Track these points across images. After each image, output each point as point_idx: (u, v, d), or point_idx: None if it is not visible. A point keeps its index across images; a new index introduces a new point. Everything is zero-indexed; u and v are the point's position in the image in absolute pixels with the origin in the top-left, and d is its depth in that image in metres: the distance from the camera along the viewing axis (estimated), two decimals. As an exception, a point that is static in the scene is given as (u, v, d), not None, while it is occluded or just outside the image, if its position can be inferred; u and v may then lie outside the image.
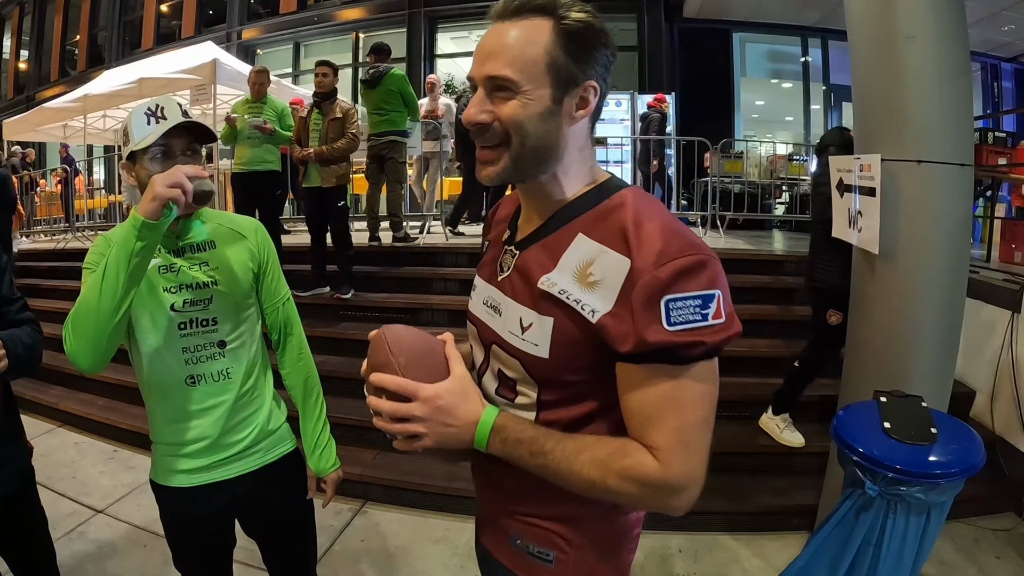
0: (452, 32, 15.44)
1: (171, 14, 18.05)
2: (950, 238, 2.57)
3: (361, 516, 3.75)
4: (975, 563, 3.21)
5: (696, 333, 0.93)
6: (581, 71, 1.02)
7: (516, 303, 1.09)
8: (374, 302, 5.58)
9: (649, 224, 0.98)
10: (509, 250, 1.17)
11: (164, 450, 1.79)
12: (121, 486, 4.07)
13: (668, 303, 0.92)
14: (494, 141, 1.04)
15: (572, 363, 1.03)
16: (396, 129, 6.24)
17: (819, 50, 13.35)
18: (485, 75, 1.02)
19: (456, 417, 1.04)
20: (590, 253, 1.02)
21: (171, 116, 1.63)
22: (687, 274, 0.93)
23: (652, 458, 0.96)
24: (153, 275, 1.66)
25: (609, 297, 0.97)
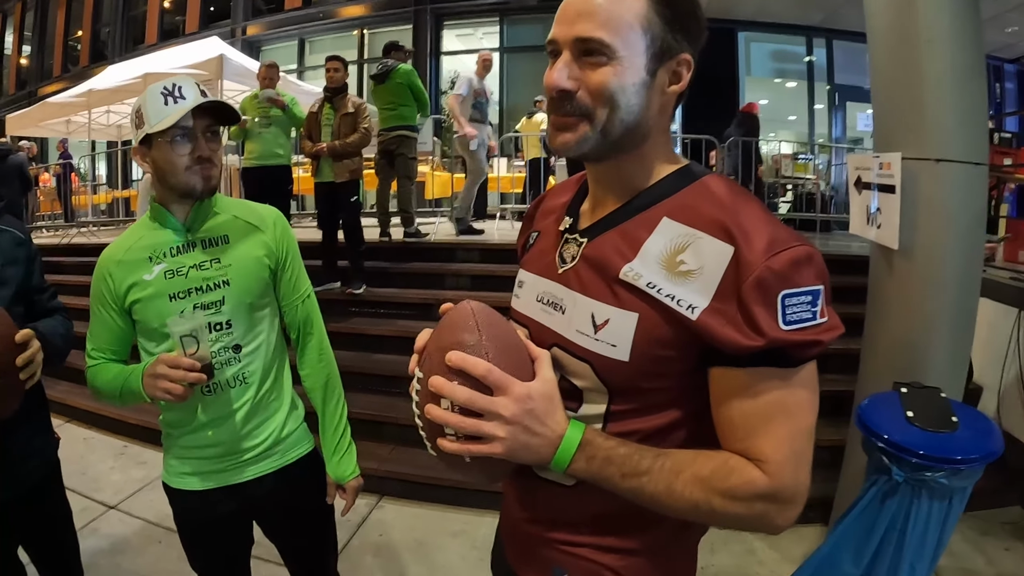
0: (458, 29, 15.47)
1: (174, 9, 18.06)
2: (966, 235, 2.63)
3: (378, 510, 3.76)
4: (984, 554, 3.27)
5: (811, 332, 0.83)
6: (676, 41, 0.92)
7: (587, 297, 0.96)
8: (386, 297, 5.60)
9: (749, 208, 0.89)
10: (573, 238, 1.03)
11: (176, 452, 1.73)
12: (132, 481, 4.06)
13: (784, 299, 0.82)
14: (576, 112, 0.92)
15: (657, 367, 0.90)
16: (406, 124, 6.27)
17: (824, 50, 13.40)
18: (575, 36, 0.90)
19: (544, 425, 0.88)
20: (680, 238, 0.90)
21: (190, 96, 1.55)
22: (799, 266, 0.84)
23: (759, 472, 0.85)
24: (159, 282, 1.60)
25: (707, 290, 0.85)
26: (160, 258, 1.62)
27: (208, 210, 1.68)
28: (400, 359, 4.84)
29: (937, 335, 2.68)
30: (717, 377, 0.89)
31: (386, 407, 4.38)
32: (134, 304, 1.62)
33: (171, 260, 1.62)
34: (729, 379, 0.87)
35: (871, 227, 2.90)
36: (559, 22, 0.93)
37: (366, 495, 3.87)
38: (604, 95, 0.90)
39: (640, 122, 0.93)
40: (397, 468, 3.93)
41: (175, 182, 1.58)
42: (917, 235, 2.64)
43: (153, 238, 1.65)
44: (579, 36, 0.90)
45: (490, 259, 6.02)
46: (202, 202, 1.65)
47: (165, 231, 1.65)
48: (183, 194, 1.60)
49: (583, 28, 0.89)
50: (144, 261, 1.62)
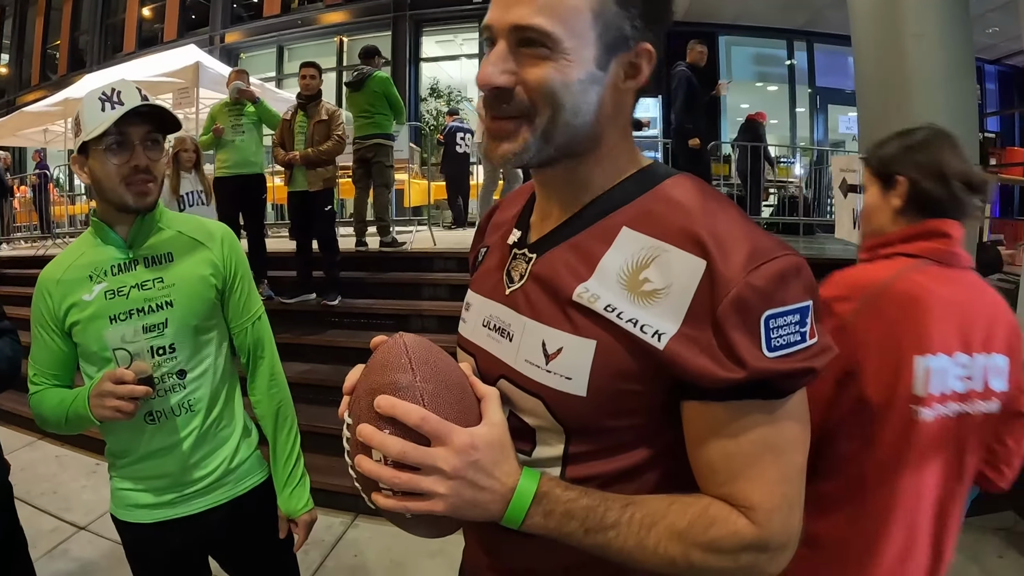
0: (437, 36, 15.49)
1: (153, 17, 17.96)
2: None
3: (353, 529, 3.65)
4: (977, 563, 3.22)
5: (801, 357, 0.71)
6: (635, 28, 0.77)
7: (536, 322, 0.82)
8: (362, 308, 5.47)
9: (724, 214, 0.75)
10: (521, 254, 0.89)
11: (123, 484, 1.63)
12: (104, 501, 3.80)
13: (768, 320, 0.70)
14: (514, 112, 0.77)
15: (619, 403, 0.77)
16: (382, 132, 6.18)
17: (805, 53, 13.52)
18: (511, 23, 0.75)
19: (492, 478, 0.74)
20: (643, 251, 0.76)
21: (128, 101, 1.43)
22: (785, 280, 0.71)
23: (746, 520, 0.73)
24: (99, 302, 1.50)
25: (676, 312, 0.73)
26: (100, 277, 1.52)
27: (152, 225, 1.58)
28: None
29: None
30: (692, 413, 0.75)
31: None
32: (73, 326, 1.52)
33: (112, 279, 1.52)
34: (706, 415, 0.74)
35: (857, 230, 2.83)
36: (495, 4, 0.77)
37: (341, 514, 3.75)
38: (545, 93, 0.75)
39: (590, 123, 0.79)
40: (373, 486, 3.81)
41: (110, 195, 1.48)
42: (904, 239, 2.55)
43: (94, 255, 1.55)
44: (515, 23, 0.74)
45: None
46: (144, 217, 1.55)
47: (106, 248, 1.55)
48: (119, 208, 1.51)
49: (520, 13, 0.74)
50: (84, 280, 1.52)
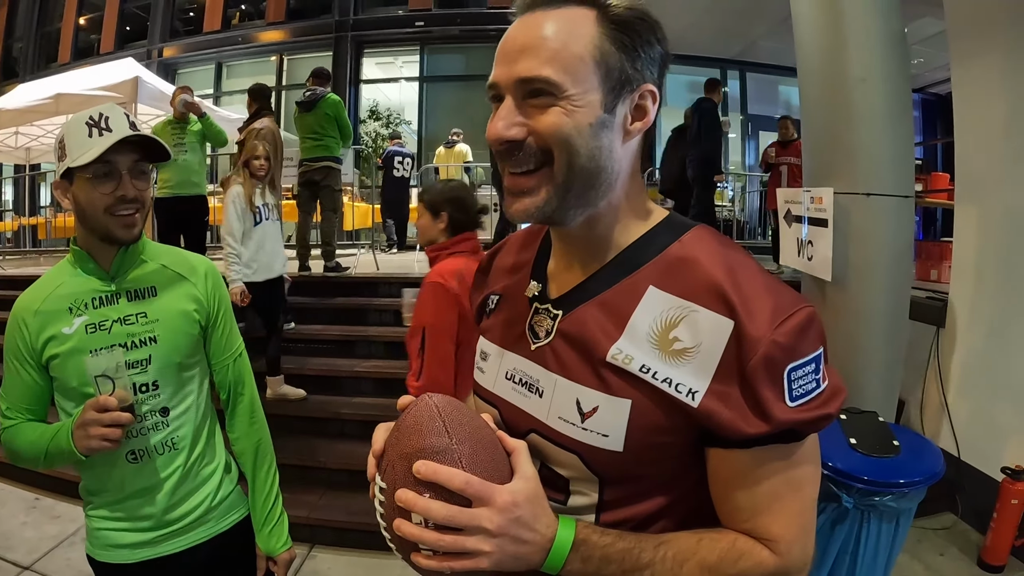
0: (378, 58, 15.49)
1: (90, 27, 17.35)
2: (895, 264, 2.80)
3: (311, 561, 3.55)
4: (921, 561, 3.41)
5: (818, 403, 0.76)
6: (636, 71, 0.80)
7: (569, 381, 0.84)
8: (309, 334, 5.35)
9: (745, 271, 0.79)
10: (544, 309, 0.91)
11: (101, 523, 1.55)
12: (47, 538, 3.68)
13: (790, 373, 0.75)
14: (530, 164, 0.80)
15: (654, 454, 0.81)
16: (331, 155, 6.10)
17: (737, 81, 14.03)
18: (517, 77, 0.77)
19: (534, 531, 0.76)
20: (673, 311, 0.79)
21: (117, 128, 1.38)
22: (804, 333, 0.76)
23: (768, 552, 0.79)
24: (80, 336, 1.44)
25: (706, 370, 0.76)
26: (81, 309, 1.45)
27: (135, 257, 1.52)
28: (326, 399, 4.69)
29: (871, 361, 2.82)
30: (717, 458, 0.80)
31: (313, 451, 4.18)
32: (51, 360, 1.45)
33: (93, 312, 1.46)
34: (731, 461, 0.79)
35: (802, 258, 3.03)
36: (499, 62, 0.80)
37: (298, 544, 3.59)
38: (559, 139, 0.77)
39: (604, 168, 0.81)
40: (328, 515, 3.73)
41: (93, 224, 1.42)
42: (848, 266, 2.78)
43: (74, 286, 1.48)
44: (521, 76, 0.77)
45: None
46: (127, 249, 1.49)
47: (88, 279, 1.48)
48: (102, 238, 1.44)
49: (526, 67, 0.77)
50: (63, 312, 1.45)
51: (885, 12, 2.71)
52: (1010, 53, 3.69)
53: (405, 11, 14.73)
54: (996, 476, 3.40)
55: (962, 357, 4.06)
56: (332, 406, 4.60)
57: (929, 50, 10.38)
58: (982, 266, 3.98)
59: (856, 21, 2.70)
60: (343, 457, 4.12)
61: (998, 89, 3.80)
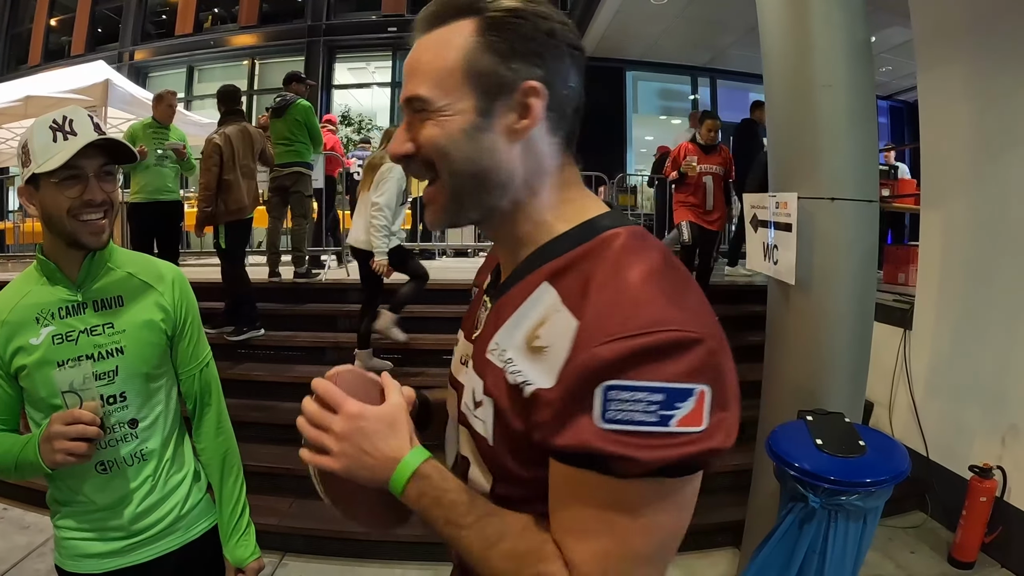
0: (350, 63, 15.53)
1: (61, 29, 17.12)
2: (859, 268, 2.83)
3: (282, 569, 3.51)
4: (892, 559, 3.48)
5: (634, 441, 0.66)
6: (513, 71, 0.80)
7: (473, 371, 0.88)
8: (278, 341, 5.31)
9: (622, 276, 0.73)
10: (486, 301, 0.94)
11: (69, 533, 1.54)
12: (16, 549, 3.65)
13: (608, 391, 0.67)
14: (426, 176, 0.86)
15: (517, 456, 0.79)
16: (301, 161, 6.09)
17: (708, 88, 14.23)
18: (403, 99, 0.84)
19: (376, 448, 0.82)
20: (545, 309, 0.78)
21: (82, 132, 1.37)
22: (651, 357, 0.66)
23: (566, 573, 0.73)
24: (47, 347, 1.42)
25: (551, 370, 0.72)
26: (48, 319, 1.44)
27: (101, 265, 1.50)
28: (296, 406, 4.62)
29: (836, 363, 2.85)
30: (550, 462, 0.75)
31: (283, 458, 4.07)
32: (20, 371, 1.44)
33: (60, 323, 1.44)
34: (554, 468, 0.75)
35: (768, 262, 3.06)
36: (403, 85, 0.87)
37: (268, 553, 3.57)
38: (433, 149, 0.82)
39: (489, 167, 0.82)
40: (299, 523, 3.69)
41: (60, 229, 1.40)
42: (813, 270, 2.80)
43: (41, 295, 1.46)
44: (405, 97, 0.84)
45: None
46: (94, 256, 1.47)
47: (54, 288, 1.46)
48: (69, 244, 1.43)
49: (408, 88, 0.83)
50: (31, 322, 1.43)
51: (851, 20, 2.76)
52: (974, 60, 3.79)
53: (378, 16, 14.74)
54: (965, 475, 3.48)
55: (929, 359, 4.15)
56: (300, 413, 4.55)
57: (897, 58, 10.62)
58: (947, 269, 4.07)
59: (821, 28, 2.73)
60: (313, 464, 4.07)
61: (963, 96, 3.89)
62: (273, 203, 6.20)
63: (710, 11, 10.37)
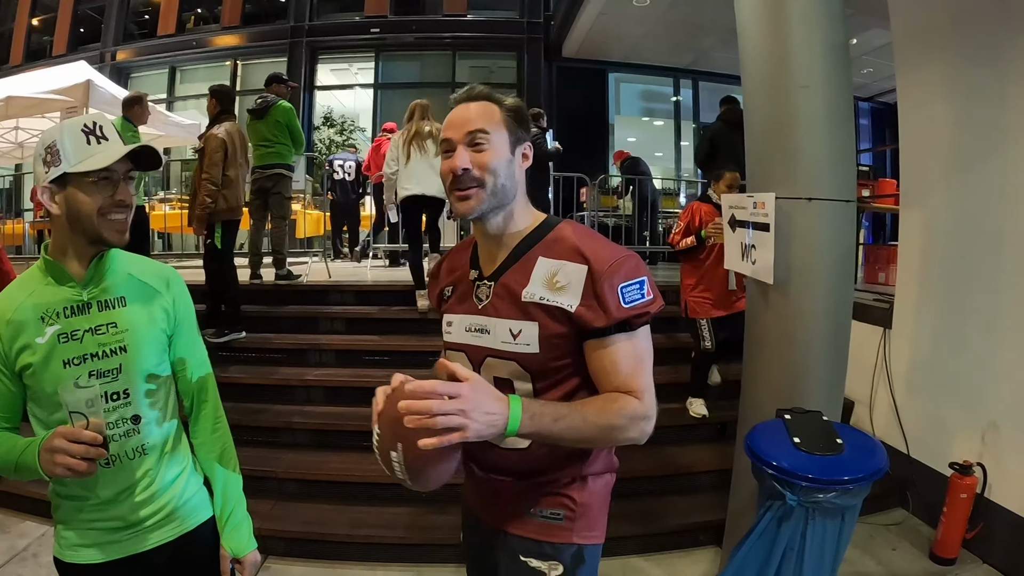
0: (332, 64, 15.45)
1: (43, 29, 16.93)
2: (837, 267, 2.84)
3: (264, 572, 3.45)
4: (873, 556, 3.51)
5: (642, 307, 1.32)
6: (521, 135, 1.44)
7: (504, 319, 1.40)
8: (259, 343, 5.30)
9: (591, 241, 1.39)
10: (483, 284, 1.47)
11: (71, 525, 1.59)
12: (4, 550, 3.63)
13: (622, 289, 1.31)
14: (471, 184, 1.37)
15: (557, 351, 1.35)
16: (283, 162, 6.07)
17: (690, 90, 14.31)
18: (467, 132, 1.38)
19: (493, 404, 1.18)
20: (553, 267, 1.37)
21: (112, 137, 1.48)
22: (628, 267, 1.33)
23: (633, 398, 1.30)
24: (52, 346, 1.47)
25: (575, 294, 1.32)
26: (53, 319, 1.48)
27: (106, 266, 1.55)
28: (278, 408, 4.65)
29: (814, 362, 2.86)
30: (591, 345, 1.34)
31: (264, 460, 4.11)
32: (25, 369, 1.47)
33: (65, 322, 1.48)
34: (599, 345, 1.33)
35: (746, 262, 3.07)
36: (450, 128, 1.41)
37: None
38: (489, 168, 1.37)
39: (512, 185, 1.41)
40: (280, 525, 3.66)
41: (87, 226, 1.46)
42: (791, 270, 2.81)
43: (45, 295, 1.50)
44: (469, 130, 1.38)
45: (365, 300, 5.85)
46: (102, 257, 1.53)
47: (59, 288, 1.50)
48: (92, 241, 1.48)
49: (471, 125, 1.38)
50: (36, 321, 1.47)
51: (828, 22, 2.77)
52: (952, 61, 3.81)
53: (361, 17, 14.69)
54: (945, 472, 3.51)
55: (909, 357, 4.18)
56: (283, 415, 4.55)
57: (878, 60, 10.72)
58: (926, 269, 4.10)
59: (799, 30, 2.75)
60: (294, 466, 4.07)
61: (941, 96, 3.92)
62: (254, 205, 6.15)
63: (692, 13, 10.45)
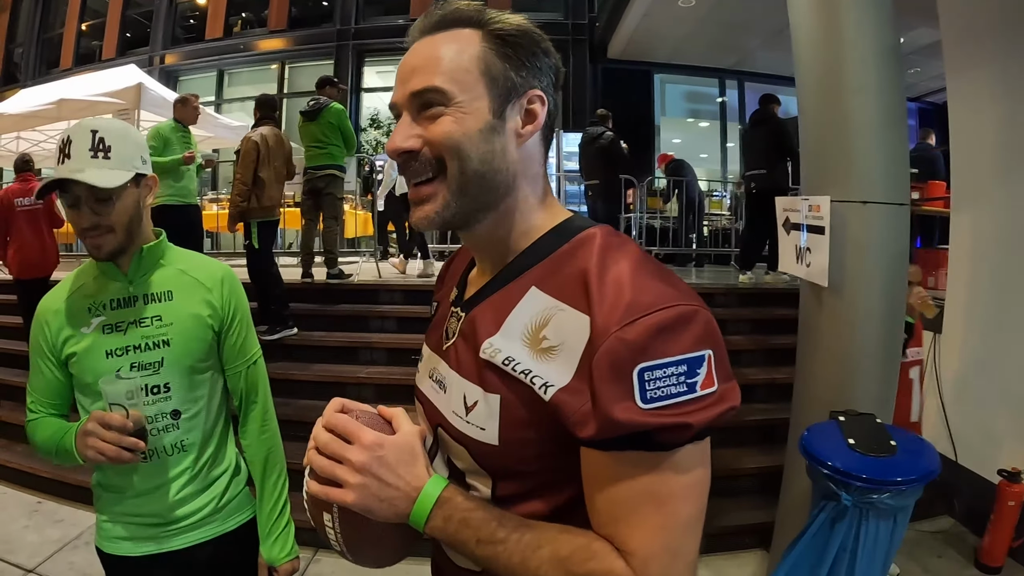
0: (379, 66, 15.55)
1: (92, 34, 17.34)
2: (891, 270, 2.85)
3: (315, 565, 3.54)
4: (919, 563, 3.49)
5: (681, 411, 0.71)
6: (522, 78, 0.85)
7: (460, 377, 0.89)
8: (312, 341, 5.44)
9: (616, 268, 0.78)
10: (455, 312, 0.96)
11: (110, 516, 1.60)
12: (49, 542, 3.73)
13: (643, 373, 0.71)
14: (427, 173, 0.84)
15: (525, 450, 0.82)
16: (335, 163, 6.17)
17: (735, 91, 14.17)
18: (410, 92, 0.84)
19: (399, 476, 0.81)
20: (544, 311, 0.81)
21: (76, 155, 1.38)
22: (666, 332, 0.72)
23: (623, 563, 0.74)
24: (96, 336, 1.49)
25: (568, 367, 0.76)
26: (99, 310, 1.51)
27: (153, 261, 1.56)
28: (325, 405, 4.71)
29: (867, 364, 2.87)
30: (584, 457, 0.78)
31: None
32: (70, 357, 1.51)
33: (110, 313, 1.51)
34: (593, 460, 0.77)
35: (801, 265, 3.09)
36: (397, 84, 0.87)
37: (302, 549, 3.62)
38: (449, 146, 0.82)
39: (498, 169, 0.85)
40: (335, 517, 3.78)
41: None
42: (845, 272, 2.82)
43: (94, 287, 1.54)
44: (414, 90, 0.83)
45: (414, 300, 5.91)
46: (142, 253, 1.53)
47: (107, 281, 1.54)
48: None
49: (417, 81, 0.83)
50: (83, 312, 1.51)
51: (880, 24, 2.78)
52: (1003, 62, 3.77)
53: (406, 20, 14.80)
54: (993, 479, 3.47)
55: (959, 362, 4.13)
56: (332, 410, 4.63)
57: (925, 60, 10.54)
58: (977, 273, 4.05)
59: (852, 33, 2.76)
60: (348, 461, 4.13)
61: (992, 98, 3.88)
62: (307, 205, 6.29)
63: (736, 14, 10.38)
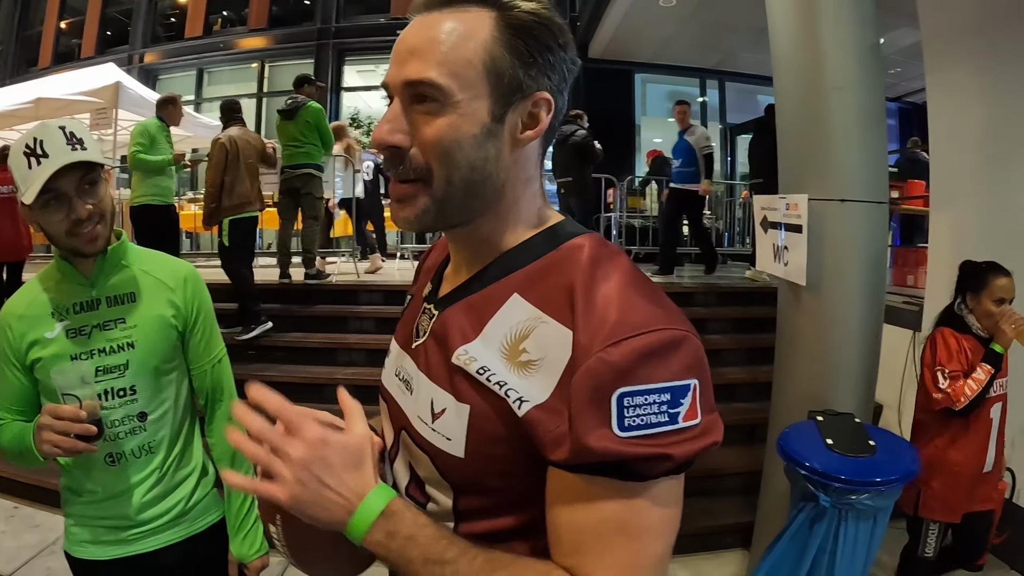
0: (359, 65, 15.49)
1: (71, 32, 17.13)
2: (869, 269, 2.85)
3: (292, 570, 3.52)
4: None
5: (661, 442, 0.66)
6: (530, 78, 0.76)
7: (429, 380, 0.81)
8: (290, 342, 5.34)
9: (605, 284, 0.72)
10: (428, 308, 0.88)
11: (77, 520, 1.60)
12: (27, 548, 3.65)
13: (622, 399, 0.66)
14: (410, 174, 0.76)
15: (494, 465, 0.75)
16: (312, 163, 6.11)
17: (716, 91, 14.24)
18: (404, 80, 0.74)
19: (340, 481, 0.73)
20: (526, 322, 0.75)
21: (54, 152, 1.35)
22: (653, 357, 0.67)
23: None
24: (61, 341, 1.47)
25: (547, 384, 0.70)
26: (63, 315, 1.49)
27: (115, 263, 1.54)
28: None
29: (846, 364, 2.86)
30: (551, 476, 0.72)
31: None
32: (35, 363, 1.49)
33: (74, 317, 1.49)
34: (561, 482, 0.70)
35: (778, 264, 3.08)
36: (392, 62, 0.77)
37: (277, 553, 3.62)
38: (439, 153, 0.74)
39: (488, 176, 0.77)
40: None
41: (62, 246, 1.46)
42: (824, 271, 2.82)
43: (57, 292, 1.51)
44: (408, 79, 0.74)
45: (394, 300, 5.66)
46: (106, 255, 1.50)
47: (70, 285, 1.51)
48: (75, 254, 1.48)
49: (413, 69, 0.74)
50: (46, 317, 1.49)
51: (861, 23, 2.78)
52: (983, 62, 3.79)
53: (387, 19, 14.77)
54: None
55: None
56: (309, 412, 4.59)
57: (906, 60, 10.62)
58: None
59: (832, 32, 2.76)
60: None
61: (971, 97, 3.89)
62: (284, 205, 6.23)
63: (718, 13, 10.42)
